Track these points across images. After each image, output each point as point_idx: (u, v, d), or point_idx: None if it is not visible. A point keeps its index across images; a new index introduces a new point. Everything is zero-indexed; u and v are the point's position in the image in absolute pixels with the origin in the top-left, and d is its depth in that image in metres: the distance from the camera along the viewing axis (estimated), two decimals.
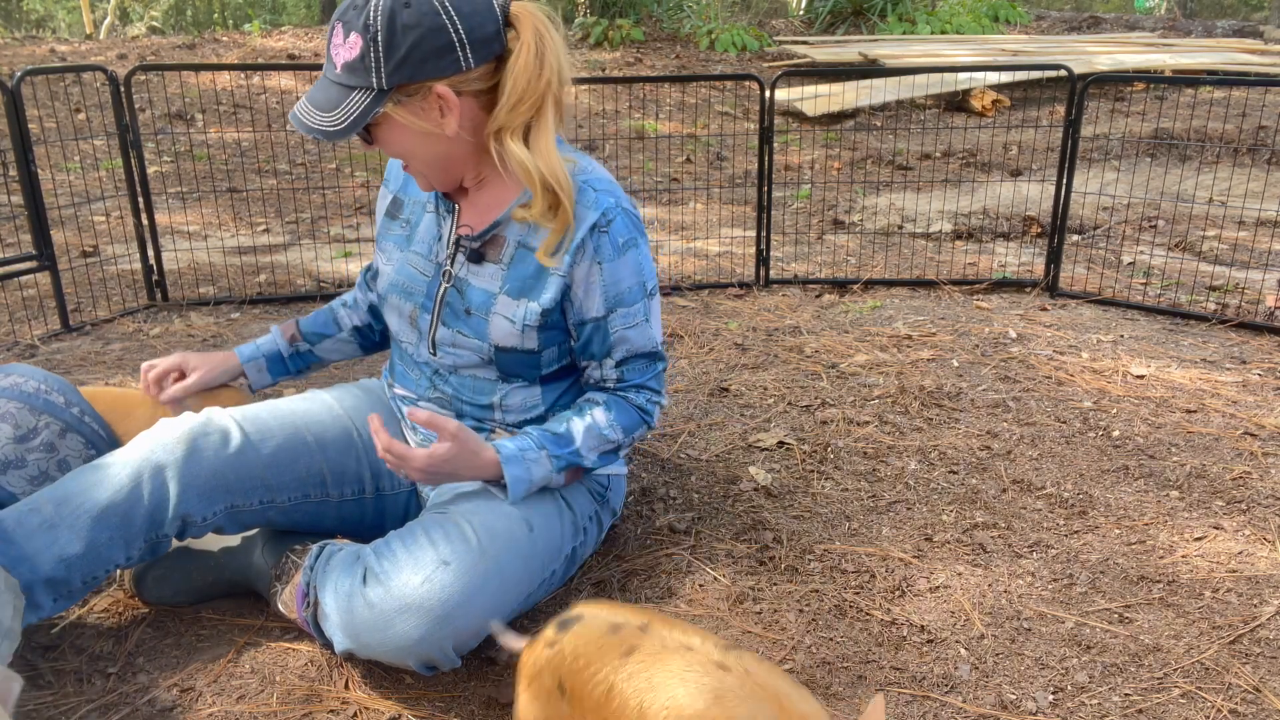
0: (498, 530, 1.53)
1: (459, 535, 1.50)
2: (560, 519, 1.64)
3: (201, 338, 3.22)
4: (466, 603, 1.44)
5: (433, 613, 1.42)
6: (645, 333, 1.65)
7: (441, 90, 1.44)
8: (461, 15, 1.42)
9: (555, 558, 1.63)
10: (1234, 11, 25.03)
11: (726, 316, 3.39)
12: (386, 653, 1.45)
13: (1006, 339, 3.10)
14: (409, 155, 1.54)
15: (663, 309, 3.46)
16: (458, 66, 1.44)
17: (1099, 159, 6.24)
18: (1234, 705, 1.48)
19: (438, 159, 1.54)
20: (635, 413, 1.68)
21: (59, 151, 6.00)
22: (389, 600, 1.43)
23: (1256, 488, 2.13)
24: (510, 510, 1.57)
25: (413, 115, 1.47)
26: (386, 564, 1.47)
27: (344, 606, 1.47)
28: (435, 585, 1.43)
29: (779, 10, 16.01)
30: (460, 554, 1.47)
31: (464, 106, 1.48)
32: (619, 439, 1.66)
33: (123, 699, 1.51)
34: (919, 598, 1.76)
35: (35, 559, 1.46)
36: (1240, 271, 3.92)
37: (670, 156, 6.60)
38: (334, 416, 1.74)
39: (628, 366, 1.67)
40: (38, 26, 26.17)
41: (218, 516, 1.59)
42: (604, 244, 1.57)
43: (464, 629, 1.45)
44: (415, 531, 1.52)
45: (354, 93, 1.44)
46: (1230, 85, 4.51)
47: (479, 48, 1.45)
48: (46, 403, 1.73)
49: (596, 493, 1.76)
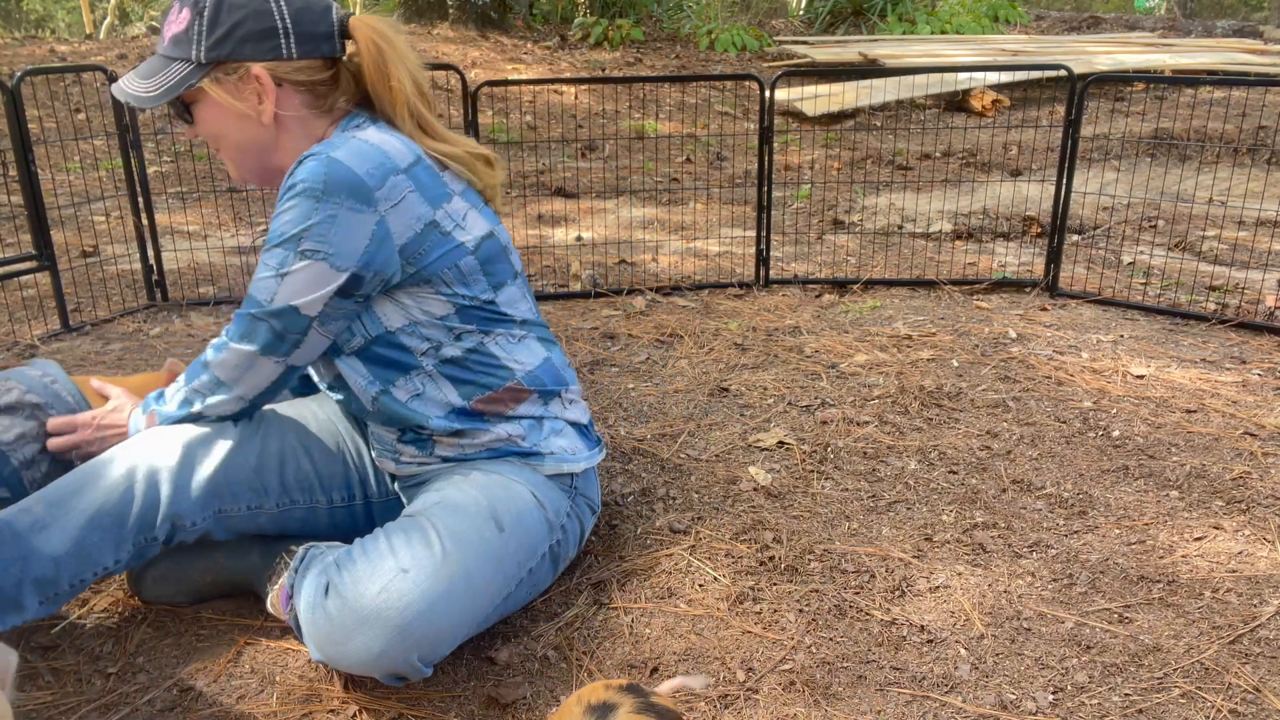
0: (464, 533, 1.50)
1: (421, 540, 1.47)
2: (533, 516, 1.62)
3: (201, 338, 3.22)
4: (429, 611, 1.41)
5: (391, 623, 1.39)
6: (265, 283, 1.50)
7: (258, 72, 1.50)
8: (291, 6, 1.51)
9: (531, 556, 1.61)
10: (1234, 11, 25.03)
11: (726, 316, 3.39)
12: (350, 666, 1.42)
13: (1006, 339, 3.10)
14: (221, 138, 1.57)
15: (663, 309, 3.47)
16: (278, 52, 1.51)
17: (1099, 159, 6.24)
18: (1234, 705, 1.48)
19: (251, 145, 1.58)
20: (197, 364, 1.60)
21: (59, 151, 6.00)
22: (346, 613, 1.40)
23: (1256, 488, 2.13)
24: (479, 512, 1.54)
25: (229, 95, 1.52)
26: (345, 574, 1.44)
27: (308, 619, 1.44)
28: (393, 594, 1.40)
29: (779, 10, 16.01)
30: (421, 560, 1.44)
31: (284, 95, 1.53)
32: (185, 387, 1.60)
33: (123, 699, 1.51)
34: (919, 598, 1.76)
35: (26, 559, 1.46)
36: (1240, 271, 3.92)
37: (670, 156, 6.60)
38: (320, 422, 1.74)
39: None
40: (38, 26, 26.17)
41: (207, 520, 1.59)
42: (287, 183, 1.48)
43: (428, 639, 1.41)
44: (378, 538, 1.50)
45: (174, 64, 1.51)
46: (1230, 85, 4.51)
47: (304, 40, 1.52)
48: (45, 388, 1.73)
49: (564, 486, 1.71)
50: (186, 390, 1.60)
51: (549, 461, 1.69)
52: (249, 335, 1.53)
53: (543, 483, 1.68)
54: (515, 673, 1.57)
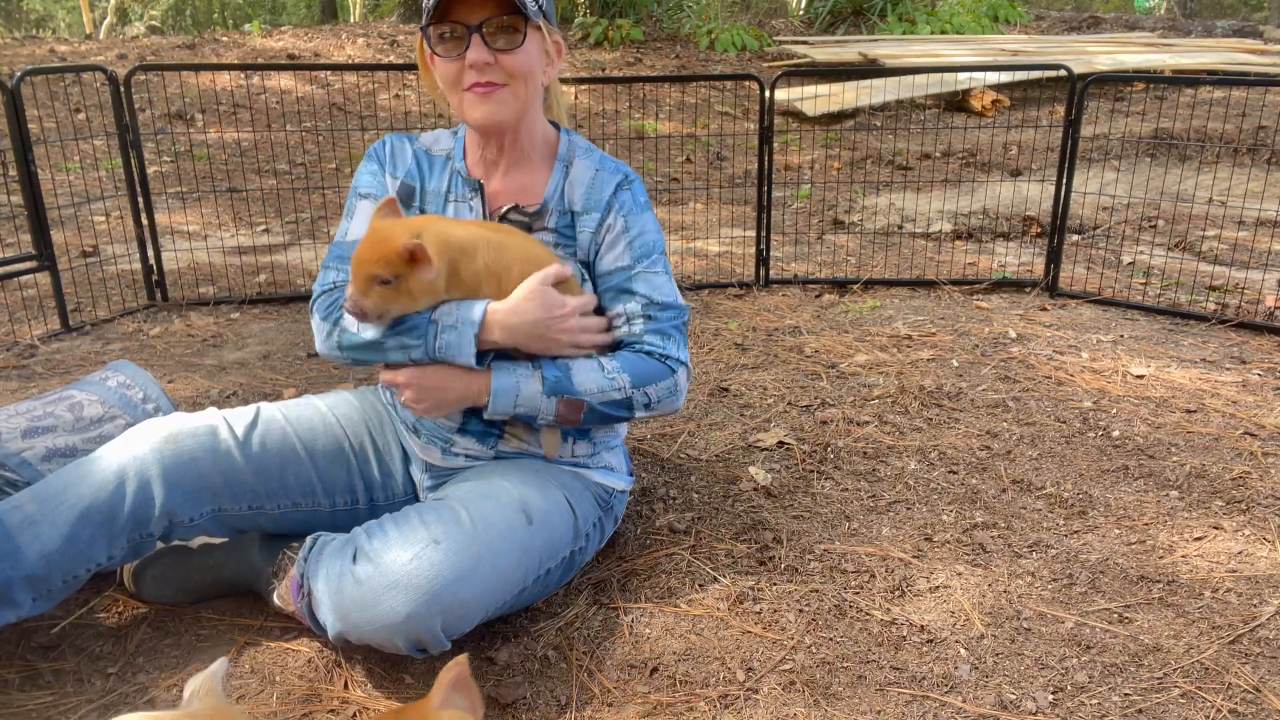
0: (493, 518, 1.53)
1: (453, 518, 1.50)
2: (562, 519, 1.64)
3: (201, 338, 3.22)
4: (456, 582, 1.44)
5: (420, 590, 1.42)
6: (666, 286, 1.70)
7: (559, 40, 1.66)
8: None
9: (553, 557, 1.63)
10: (1234, 11, 25.03)
11: (726, 316, 3.39)
12: (374, 631, 1.44)
13: (1006, 339, 3.10)
14: (527, 76, 1.61)
15: None
16: (554, 24, 1.68)
17: (1099, 159, 6.24)
18: (1234, 705, 1.48)
19: (534, 96, 1.64)
20: (647, 361, 1.66)
21: (59, 151, 6.00)
22: (377, 576, 1.43)
23: (1256, 488, 2.13)
24: (509, 501, 1.57)
25: (542, 45, 1.63)
26: (377, 542, 1.48)
27: (334, 587, 1.47)
28: (424, 562, 1.43)
29: (779, 10, 16.00)
30: (452, 534, 1.47)
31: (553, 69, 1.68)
32: (625, 385, 1.62)
33: (123, 699, 1.51)
34: (919, 598, 1.76)
35: (16, 555, 1.46)
36: (1240, 271, 3.92)
37: (670, 156, 6.60)
38: (326, 425, 1.74)
39: (652, 310, 1.68)
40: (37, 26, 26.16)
41: (204, 519, 1.59)
42: (628, 200, 1.68)
43: (453, 609, 1.44)
44: (409, 514, 1.53)
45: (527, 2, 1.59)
46: (1230, 85, 4.51)
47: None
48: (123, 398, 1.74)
49: (601, 499, 1.76)
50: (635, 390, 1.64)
51: (597, 473, 1.75)
52: (684, 333, 1.72)
53: (580, 490, 1.70)
54: (515, 673, 1.57)
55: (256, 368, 2.93)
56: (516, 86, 1.59)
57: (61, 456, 1.73)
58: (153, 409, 1.86)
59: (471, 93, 1.58)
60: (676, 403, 1.69)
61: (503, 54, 1.56)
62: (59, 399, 1.84)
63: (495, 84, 1.57)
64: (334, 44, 9.48)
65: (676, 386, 1.67)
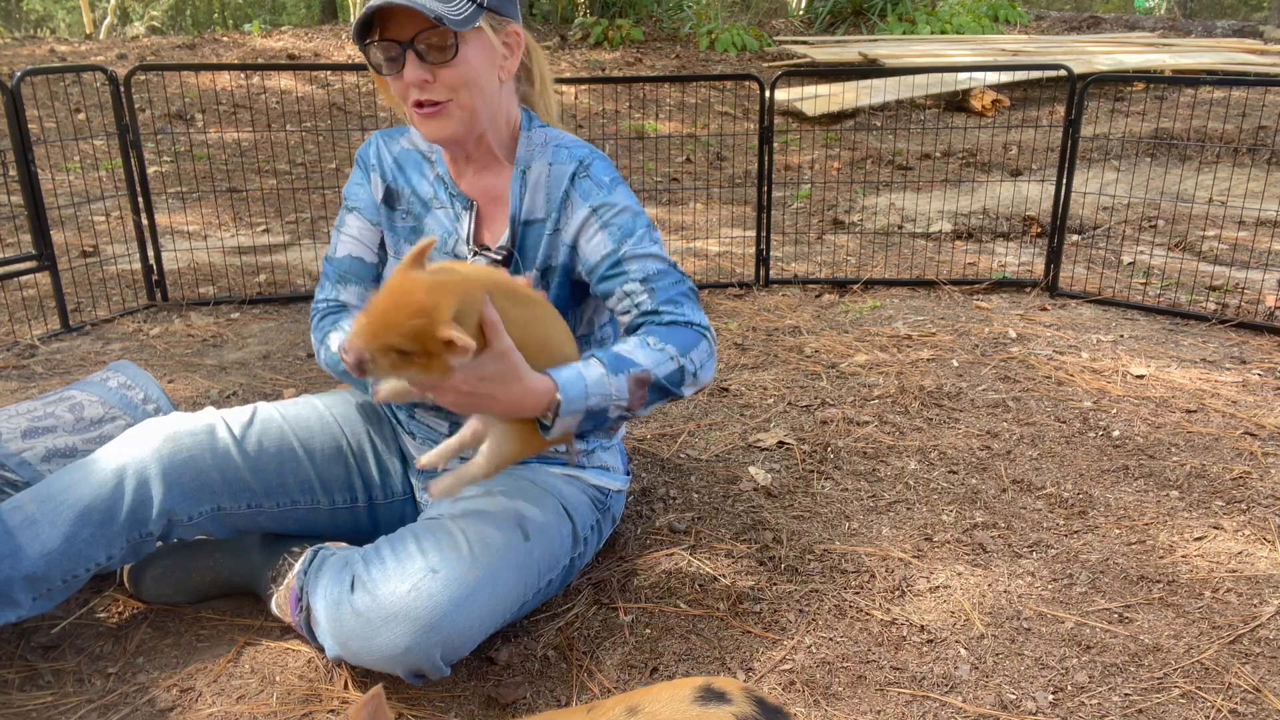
0: (490, 539, 1.51)
1: (450, 543, 1.48)
2: (560, 529, 1.63)
3: (201, 338, 3.22)
4: (455, 612, 1.42)
5: (419, 622, 1.40)
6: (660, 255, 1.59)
7: (516, 29, 1.57)
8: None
9: (553, 568, 1.62)
10: (1234, 11, 25.03)
11: (726, 316, 3.39)
12: (374, 661, 1.43)
13: (1006, 339, 3.10)
14: (473, 85, 1.51)
15: None
16: (517, 15, 1.59)
17: (1099, 159, 6.24)
18: (1234, 705, 1.48)
19: (489, 99, 1.55)
20: (682, 330, 1.52)
21: (59, 151, 6.00)
22: (375, 609, 1.42)
23: (1256, 488, 2.13)
24: (506, 519, 1.55)
25: (488, 45, 1.53)
26: (375, 571, 1.46)
27: (332, 615, 1.46)
28: (422, 594, 1.42)
29: (779, 10, 16.00)
30: (450, 562, 1.45)
31: (514, 61, 1.59)
32: (676, 355, 1.49)
33: (123, 699, 1.51)
34: (919, 598, 1.76)
35: (16, 555, 1.46)
36: (1240, 271, 3.92)
37: (670, 156, 6.60)
38: (323, 424, 1.74)
39: (654, 282, 1.56)
40: (37, 26, 26.16)
41: (203, 518, 1.59)
42: (588, 187, 1.59)
43: (452, 638, 1.43)
44: (405, 538, 1.51)
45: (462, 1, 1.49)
46: (1230, 85, 4.51)
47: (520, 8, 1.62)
48: (123, 399, 1.74)
49: (598, 501, 1.75)
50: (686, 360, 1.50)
51: (592, 474, 1.74)
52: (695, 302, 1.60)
53: (576, 495, 1.70)
54: (515, 673, 1.57)
55: (256, 368, 2.93)
56: (462, 98, 1.51)
57: (61, 457, 1.73)
58: (153, 410, 1.86)
59: (415, 113, 1.53)
60: (711, 370, 1.56)
61: (440, 68, 1.48)
62: (59, 399, 1.84)
63: (437, 102, 1.50)
64: (334, 44, 9.49)
65: (711, 352, 1.55)
